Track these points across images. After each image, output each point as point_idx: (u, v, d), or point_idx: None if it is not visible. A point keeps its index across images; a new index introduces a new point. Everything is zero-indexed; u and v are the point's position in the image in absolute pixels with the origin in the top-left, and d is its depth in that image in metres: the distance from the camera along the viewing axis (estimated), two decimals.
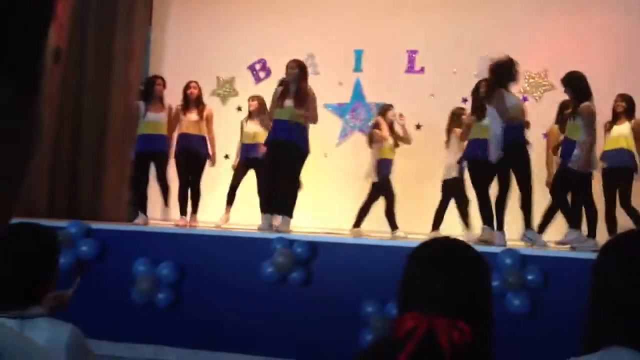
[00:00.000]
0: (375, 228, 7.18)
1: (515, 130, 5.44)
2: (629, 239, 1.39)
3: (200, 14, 8.80)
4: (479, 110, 5.77)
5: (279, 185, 5.99)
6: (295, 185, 6.10)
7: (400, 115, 6.75)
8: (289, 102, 5.97)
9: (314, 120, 6.13)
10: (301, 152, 5.97)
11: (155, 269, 5.11)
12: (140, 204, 6.63)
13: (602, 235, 5.19)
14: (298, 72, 6.05)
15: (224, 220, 6.89)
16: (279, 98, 6.04)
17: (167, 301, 5.08)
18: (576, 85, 5.53)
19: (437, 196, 6.42)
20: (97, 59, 8.16)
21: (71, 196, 7.85)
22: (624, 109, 5.95)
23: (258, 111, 6.98)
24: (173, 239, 5.42)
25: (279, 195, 6.00)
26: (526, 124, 5.83)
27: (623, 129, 5.92)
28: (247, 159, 6.93)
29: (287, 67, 6.13)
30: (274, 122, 6.07)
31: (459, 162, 6.06)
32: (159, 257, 5.18)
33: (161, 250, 5.26)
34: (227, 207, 6.95)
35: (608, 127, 5.97)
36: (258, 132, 6.89)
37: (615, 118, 5.96)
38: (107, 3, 8.25)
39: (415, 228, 6.34)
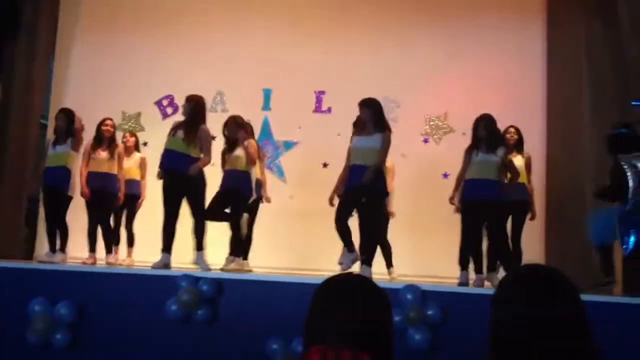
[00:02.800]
0: (282, 265, 7.22)
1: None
2: (531, 272, 1.44)
3: (106, 46, 8.65)
4: None
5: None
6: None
7: None
8: (180, 133, 5.87)
9: (207, 161, 5.93)
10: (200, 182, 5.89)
11: (53, 308, 4.89)
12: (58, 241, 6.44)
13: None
14: (191, 107, 5.95)
15: None
16: (172, 128, 5.99)
17: (64, 342, 4.86)
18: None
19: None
20: None
21: None
22: (515, 141, 6.29)
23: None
24: (72, 278, 5.20)
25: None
26: None
27: (517, 161, 6.15)
28: None
29: (185, 100, 6.05)
30: (165, 151, 5.92)
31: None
32: (56, 296, 4.97)
33: (59, 289, 5.04)
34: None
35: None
36: None
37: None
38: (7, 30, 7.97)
39: (320, 265, 6.39)
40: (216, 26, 8.51)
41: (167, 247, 5.79)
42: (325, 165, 7.96)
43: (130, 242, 7.18)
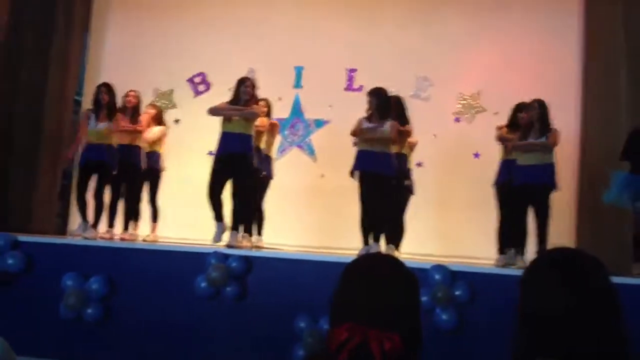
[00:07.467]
0: (313, 243, 7.23)
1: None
2: (564, 255, 1.41)
3: (140, 23, 8.69)
4: None
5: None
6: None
7: None
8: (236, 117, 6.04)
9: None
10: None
11: (85, 283, 4.99)
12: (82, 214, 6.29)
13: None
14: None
15: None
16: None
17: (96, 316, 4.96)
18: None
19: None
20: (32, 65, 7.94)
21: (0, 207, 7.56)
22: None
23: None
24: (104, 253, 5.30)
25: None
26: None
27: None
28: None
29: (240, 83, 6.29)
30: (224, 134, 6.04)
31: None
32: (89, 272, 5.06)
33: (91, 265, 5.14)
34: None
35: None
36: None
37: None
38: (44, 9, 8.06)
39: (351, 244, 6.38)
40: (248, 3, 8.48)
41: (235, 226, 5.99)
42: (356, 144, 7.90)
43: (155, 217, 6.95)
